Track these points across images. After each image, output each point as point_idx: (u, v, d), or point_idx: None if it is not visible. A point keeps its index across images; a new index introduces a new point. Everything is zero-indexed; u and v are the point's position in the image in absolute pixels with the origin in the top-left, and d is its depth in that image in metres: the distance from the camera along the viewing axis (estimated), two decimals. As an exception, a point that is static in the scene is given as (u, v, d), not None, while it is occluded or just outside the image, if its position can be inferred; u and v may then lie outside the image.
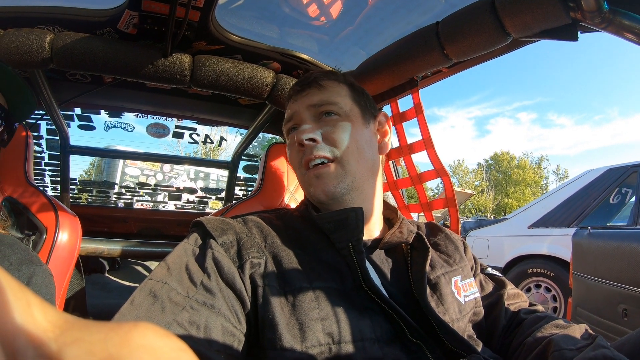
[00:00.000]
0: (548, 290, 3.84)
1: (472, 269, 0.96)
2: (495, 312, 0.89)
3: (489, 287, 0.95)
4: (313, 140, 0.84)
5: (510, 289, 0.95)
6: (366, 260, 0.77)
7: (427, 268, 0.80)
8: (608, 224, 3.74)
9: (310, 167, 0.84)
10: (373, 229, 0.90)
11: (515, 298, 0.94)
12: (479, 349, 0.77)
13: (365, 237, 0.84)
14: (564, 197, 4.14)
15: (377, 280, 0.76)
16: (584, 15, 0.82)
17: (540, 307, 0.93)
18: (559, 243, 3.78)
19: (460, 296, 0.83)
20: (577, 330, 0.77)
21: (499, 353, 0.83)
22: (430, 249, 0.84)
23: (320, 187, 0.83)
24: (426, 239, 0.85)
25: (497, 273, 1.00)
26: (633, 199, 3.74)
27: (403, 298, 0.76)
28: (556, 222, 3.97)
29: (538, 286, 3.93)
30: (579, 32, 0.90)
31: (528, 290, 3.98)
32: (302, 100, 0.90)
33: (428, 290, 0.78)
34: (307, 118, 0.89)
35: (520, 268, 4.11)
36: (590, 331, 0.77)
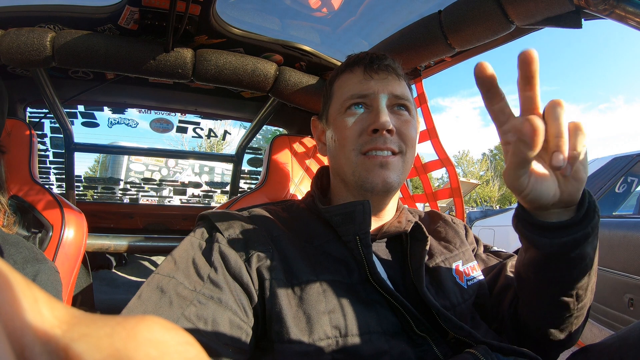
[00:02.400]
0: (554, 279, 3.81)
1: (473, 251, 0.96)
2: (500, 281, 0.88)
3: (493, 261, 0.95)
4: (390, 131, 0.81)
5: None
6: (373, 254, 0.76)
7: (426, 257, 0.80)
8: (614, 213, 3.70)
9: (370, 154, 0.82)
10: (382, 222, 0.89)
11: None
12: (481, 331, 0.77)
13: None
14: (569, 186, 4.07)
15: (383, 274, 0.76)
16: (588, 2, 0.81)
17: None
18: (564, 232, 3.73)
19: (463, 281, 0.83)
20: None
21: (514, 327, 0.81)
22: (429, 237, 0.83)
23: (382, 176, 0.80)
24: (424, 228, 0.83)
25: (504, 250, 0.99)
26: (639, 188, 3.70)
27: (405, 289, 0.76)
28: (562, 212, 3.92)
29: (544, 275, 3.90)
30: (582, 20, 0.89)
31: (534, 279, 3.95)
32: (383, 85, 0.85)
33: (427, 278, 0.78)
34: (384, 105, 0.83)
35: (526, 258, 4.07)
36: None
